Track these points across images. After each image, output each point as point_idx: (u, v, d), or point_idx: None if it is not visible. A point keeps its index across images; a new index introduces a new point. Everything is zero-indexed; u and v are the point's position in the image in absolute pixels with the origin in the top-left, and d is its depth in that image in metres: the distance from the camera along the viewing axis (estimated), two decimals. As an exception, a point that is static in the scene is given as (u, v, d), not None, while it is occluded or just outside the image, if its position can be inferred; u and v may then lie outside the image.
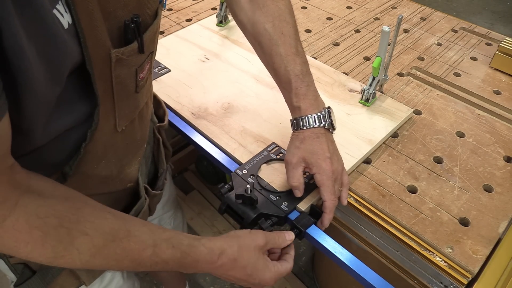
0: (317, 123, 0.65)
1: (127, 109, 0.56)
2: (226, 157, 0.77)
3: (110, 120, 0.53)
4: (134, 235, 0.50)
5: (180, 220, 1.11)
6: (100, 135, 0.52)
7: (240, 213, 0.65)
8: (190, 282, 1.55)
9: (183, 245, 0.54)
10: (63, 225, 0.45)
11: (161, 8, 0.55)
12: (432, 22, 1.17)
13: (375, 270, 0.62)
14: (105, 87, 0.49)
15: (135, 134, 0.63)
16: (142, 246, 0.50)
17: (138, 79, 0.54)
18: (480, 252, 0.64)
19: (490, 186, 0.74)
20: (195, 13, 1.20)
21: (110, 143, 0.56)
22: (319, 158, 0.65)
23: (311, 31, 1.13)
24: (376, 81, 0.85)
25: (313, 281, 1.54)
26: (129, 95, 0.55)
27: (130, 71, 0.51)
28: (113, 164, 0.60)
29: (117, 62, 0.47)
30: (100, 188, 0.61)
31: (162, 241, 0.52)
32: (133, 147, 0.64)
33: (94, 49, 0.44)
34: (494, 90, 0.94)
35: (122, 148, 0.60)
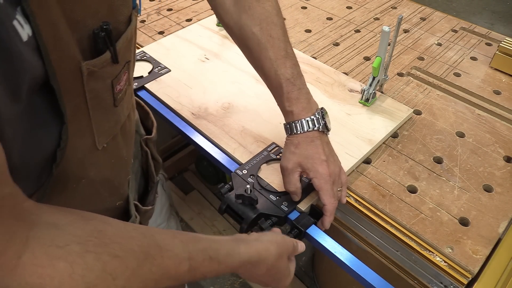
0: (310, 127, 0.65)
1: (107, 124, 0.51)
2: (226, 157, 0.77)
3: (86, 138, 0.49)
4: (166, 250, 0.46)
5: (174, 229, 1.10)
6: (74, 153, 0.48)
7: (240, 213, 0.65)
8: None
9: (221, 255, 0.50)
10: (88, 250, 0.40)
11: (136, 14, 0.51)
12: (432, 22, 1.17)
13: (375, 270, 0.62)
14: (77, 103, 0.44)
15: (120, 150, 0.58)
16: (177, 261, 0.46)
17: (115, 91, 0.49)
18: (480, 252, 0.64)
19: (490, 186, 0.74)
20: (195, 13, 1.20)
21: (90, 162, 0.52)
22: (315, 162, 0.65)
23: (311, 31, 1.13)
24: (376, 81, 0.85)
25: (313, 281, 1.54)
26: (107, 110, 0.50)
27: (105, 84, 0.47)
28: (98, 183, 0.55)
29: (89, 75, 0.43)
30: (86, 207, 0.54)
31: (198, 252, 0.48)
32: (121, 165, 0.60)
33: (60, 63, 0.40)
34: (494, 90, 0.94)
35: (107, 167, 0.56)
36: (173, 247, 0.46)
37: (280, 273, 0.60)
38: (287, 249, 0.60)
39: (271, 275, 0.58)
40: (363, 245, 0.75)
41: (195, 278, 0.48)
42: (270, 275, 0.58)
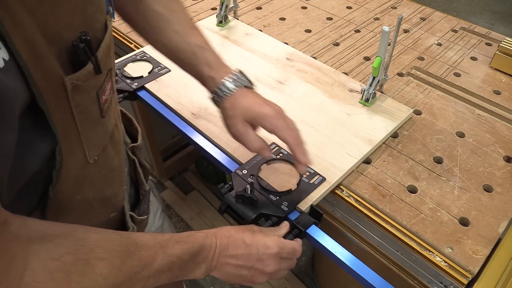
0: (237, 85, 0.65)
1: (96, 137, 0.50)
2: (226, 157, 0.77)
3: (77, 154, 0.48)
4: (142, 245, 0.50)
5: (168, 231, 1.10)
6: (68, 172, 0.47)
7: (240, 213, 0.65)
8: (191, 282, 1.55)
9: (184, 237, 0.55)
10: (79, 258, 0.43)
11: (110, 19, 0.49)
12: (432, 22, 1.17)
13: (375, 270, 0.62)
14: (65, 120, 0.43)
15: (111, 161, 0.57)
16: (152, 251, 0.50)
17: (101, 102, 0.48)
18: (480, 252, 0.64)
19: (490, 186, 0.74)
20: (195, 13, 1.20)
21: (83, 177, 0.51)
22: (256, 108, 0.63)
23: (311, 31, 1.13)
24: (376, 81, 0.85)
25: (313, 281, 1.54)
26: (95, 122, 0.49)
27: (90, 97, 0.46)
28: (91, 197, 0.55)
29: (73, 90, 0.42)
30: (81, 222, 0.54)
31: (166, 241, 0.52)
32: (113, 175, 0.59)
33: (43, 81, 0.38)
34: (494, 90, 0.94)
35: (99, 179, 0.55)
36: (146, 241, 0.51)
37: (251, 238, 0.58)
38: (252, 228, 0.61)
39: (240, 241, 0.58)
40: (363, 245, 0.75)
41: (174, 264, 0.52)
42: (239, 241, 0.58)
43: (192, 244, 0.54)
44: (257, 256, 0.58)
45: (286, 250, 0.61)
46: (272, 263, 0.59)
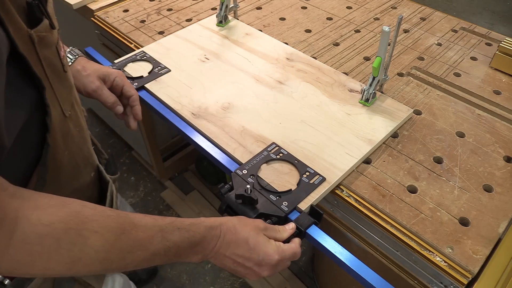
0: (74, 56, 0.75)
1: (65, 91, 0.56)
2: (226, 157, 0.77)
3: (56, 105, 0.53)
4: (140, 225, 0.51)
5: None
6: (54, 122, 0.53)
7: (240, 213, 0.65)
8: (191, 282, 1.55)
9: (186, 224, 0.55)
10: (71, 227, 0.44)
11: None
12: (432, 22, 1.17)
13: (375, 270, 0.62)
14: (39, 71, 0.48)
15: (80, 120, 0.63)
16: (150, 233, 0.51)
17: (61, 57, 0.54)
18: (480, 252, 0.64)
19: (490, 186, 0.74)
20: (195, 13, 1.20)
21: (65, 131, 0.57)
22: (105, 68, 0.77)
23: (311, 31, 1.13)
24: (376, 81, 0.85)
25: (313, 281, 1.54)
26: (61, 76, 0.55)
27: (52, 51, 0.52)
28: (76, 154, 0.61)
29: (39, 43, 0.47)
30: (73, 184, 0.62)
31: (167, 225, 0.53)
32: (84, 134, 0.66)
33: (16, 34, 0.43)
34: (494, 90, 0.94)
35: (76, 136, 0.61)
36: (145, 223, 0.51)
37: (255, 241, 0.59)
38: (253, 221, 0.62)
39: (244, 240, 0.58)
40: (363, 245, 0.75)
41: (170, 250, 0.52)
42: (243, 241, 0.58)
43: (193, 234, 0.55)
44: (257, 261, 0.59)
45: (286, 257, 0.62)
46: (269, 270, 0.61)
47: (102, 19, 1.16)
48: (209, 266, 1.60)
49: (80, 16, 1.25)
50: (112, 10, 1.20)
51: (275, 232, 0.63)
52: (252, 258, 0.59)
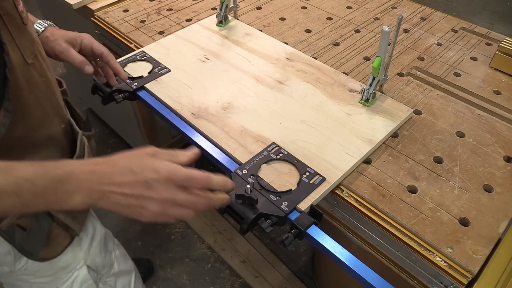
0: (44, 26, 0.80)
1: (25, 41, 0.61)
2: (226, 157, 0.77)
3: (15, 50, 0.58)
4: None
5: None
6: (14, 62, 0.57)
7: (240, 213, 0.65)
8: (191, 282, 1.55)
9: (48, 162, 0.51)
10: None
11: None
12: (432, 22, 1.17)
13: (375, 270, 0.62)
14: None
15: (46, 72, 0.69)
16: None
17: (19, 11, 0.59)
18: (480, 252, 0.64)
19: (490, 186, 0.74)
20: (195, 13, 1.20)
21: (29, 76, 0.62)
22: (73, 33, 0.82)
23: (311, 31, 1.13)
24: (376, 81, 0.85)
25: (313, 281, 1.54)
26: (20, 27, 0.60)
27: (9, 3, 0.57)
28: (43, 101, 0.67)
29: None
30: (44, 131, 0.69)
31: (19, 164, 0.49)
32: (52, 86, 0.71)
33: None
34: (494, 90, 0.94)
35: (42, 85, 0.67)
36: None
37: (139, 164, 0.53)
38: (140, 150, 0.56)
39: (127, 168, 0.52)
40: (363, 245, 0.75)
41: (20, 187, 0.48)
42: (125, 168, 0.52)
43: (52, 169, 0.50)
44: (145, 183, 0.52)
45: (180, 177, 0.53)
46: (164, 190, 0.53)
47: (102, 19, 1.16)
48: (209, 266, 1.60)
49: (80, 16, 1.25)
50: (112, 10, 1.20)
51: (169, 156, 0.56)
52: (138, 182, 0.52)
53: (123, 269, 1.00)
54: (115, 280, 0.98)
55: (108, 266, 0.94)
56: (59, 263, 0.80)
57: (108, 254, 0.94)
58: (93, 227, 0.87)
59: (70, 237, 0.80)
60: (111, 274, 0.96)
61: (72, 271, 0.84)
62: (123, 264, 1.01)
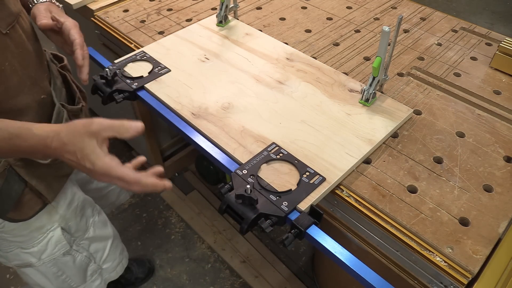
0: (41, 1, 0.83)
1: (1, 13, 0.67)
2: (226, 157, 0.77)
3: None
4: None
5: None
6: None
7: (240, 213, 0.65)
8: (191, 282, 1.55)
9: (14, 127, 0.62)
10: None
11: None
12: (432, 22, 1.17)
13: (375, 270, 0.62)
14: None
15: (25, 44, 0.75)
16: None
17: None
18: (480, 252, 0.64)
19: (490, 186, 0.74)
20: (195, 13, 1.20)
21: (3, 45, 0.69)
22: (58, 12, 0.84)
23: (311, 31, 1.13)
24: (376, 81, 0.85)
25: (313, 281, 1.54)
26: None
27: None
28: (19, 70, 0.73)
29: None
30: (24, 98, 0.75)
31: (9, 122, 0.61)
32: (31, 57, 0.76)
33: None
34: (494, 90, 0.94)
35: (18, 55, 0.72)
36: None
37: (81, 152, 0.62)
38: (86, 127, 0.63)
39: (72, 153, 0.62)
40: (363, 245, 0.75)
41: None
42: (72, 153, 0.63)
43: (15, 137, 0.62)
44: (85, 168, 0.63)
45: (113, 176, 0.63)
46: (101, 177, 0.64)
47: (102, 19, 1.16)
48: (209, 266, 1.60)
49: (80, 16, 1.25)
50: (112, 10, 1.20)
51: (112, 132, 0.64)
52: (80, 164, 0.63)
53: (99, 235, 1.06)
54: (89, 244, 1.03)
55: (82, 230, 1.00)
56: (34, 224, 0.87)
57: (84, 219, 1.00)
58: (72, 193, 0.94)
59: (42, 203, 0.85)
60: (85, 238, 1.01)
61: (47, 231, 0.89)
62: (100, 230, 1.06)
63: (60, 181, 0.89)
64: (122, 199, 1.26)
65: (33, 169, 0.79)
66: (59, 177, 0.88)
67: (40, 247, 0.91)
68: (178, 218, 1.75)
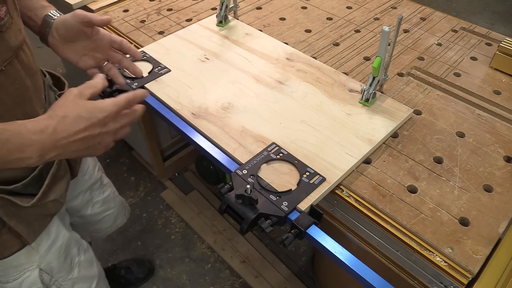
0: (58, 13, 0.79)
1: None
2: (226, 157, 0.77)
3: None
4: None
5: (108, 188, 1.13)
6: None
7: (240, 213, 0.65)
8: (191, 282, 1.55)
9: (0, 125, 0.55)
10: None
11: None
12: (432, 22, 1.17)
13: (375, 270, 0.62)
14: None
15: (23, 80, 0.68)
16: None
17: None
18: (480, 252, 0.64)
19: (490, 186, 0.74)
20: (195, 13, 1.20)
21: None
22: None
23: (311, 31, 1.13)
24: (376, 81, 0.85)
25: (313, 281, 1.54)
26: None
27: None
28: (13, 109, 0.66)
29: None
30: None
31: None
32: (29, 93, 0.70)
33: None
34: (494, 90, 0.94)
35: (14, 92, 0.66)
36: None
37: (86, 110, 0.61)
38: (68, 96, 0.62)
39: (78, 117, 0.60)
40: (363, 245, 0.75)
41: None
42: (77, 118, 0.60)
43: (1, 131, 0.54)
44: (99, 122, 0.62)
45: (122, 104, 0.64)
46: (115, 123, 0.64)
47: (102, 19, 1.16)
48: (209, 266, 1.60)
49: (80, 16, 1.25)
50: (112, 10, 1.20)
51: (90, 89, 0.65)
52: (94, 124, 0.61)
53: (84, 275, 0.98)
54: (72, 285, 0.95)
55: (65, 271, 0.92)
56: (10, 262, 0.80)
57: (68, 259, 0.92)
58: (57, 232, 0.86)
59: (20, 244, 0.77)
60: (69, 278, 0.94)
61: (23, 271, 0.83)
62: (85, 270, 0.99)
63: (43, 221, 0.80)
64: (119, 223, 1.20)
65: (13, 208, 0.71)
66: (42, 217, 0.79)
67: (15, 284, 0.84)
68: (178, 218, 1.76)
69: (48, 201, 0.76)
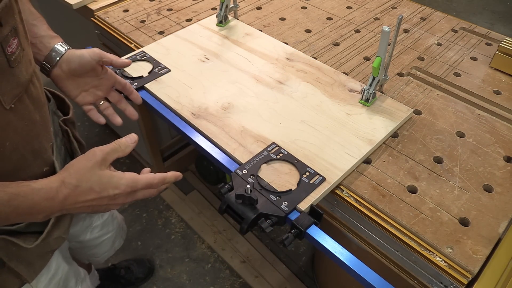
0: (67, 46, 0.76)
1: (7, 84, 0.57)
2: (226, 157, 0.77)
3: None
4: None
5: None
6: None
7: (240, 213, 0.65)
8: (191, 282, 1.55)
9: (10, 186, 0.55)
10: None
11: None
12: (432, 22, 1.17)
13: (375, 270, 0.62)
14: None
15: (32, 114, 0.64)
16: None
17: (7, 53, 0.55)
18: (480, 252, 0.64)
19: (490, 186, 0.74)
20: (195, 13, 1.20)
21: (5, 123, 0.58)
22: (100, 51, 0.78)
23: (311, 31, 1.13)
24: (376, 81, 0.85)
25: (313, 281, 1.54)
26: (4, 70, 0.55)
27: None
28: (21, 147, 0.62)
29: None
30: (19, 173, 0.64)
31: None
32: (37, 129, 0.66)
33: None
34: (494, 90, 0.94)
35: (22, 129, 0.62)
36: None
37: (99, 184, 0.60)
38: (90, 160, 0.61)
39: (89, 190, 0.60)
40: (363, 245, 0.75)
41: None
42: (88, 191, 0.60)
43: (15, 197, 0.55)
44: (108, 197, 0.61)
45: (140, 186, 0.63)
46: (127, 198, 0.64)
47: (102, 19, 1.16)
48: (209, 266, 1.60)
49: (80, 16, 1.25)
50: (112, 10, 1.20)
51: (115, 153, 0.64)
52: (103, 198, 0.61)
53: None
54: None
55: None
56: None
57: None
58: (57, 266, 0.85)
59: (20, 283, 0.75)
60: None
61: None
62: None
63: (44, 258, 0.78)
64: (117, 246, 1.18)
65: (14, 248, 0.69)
66: (44, 254, 0.77)
67: None
68: (178, 218, 1.76)
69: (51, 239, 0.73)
